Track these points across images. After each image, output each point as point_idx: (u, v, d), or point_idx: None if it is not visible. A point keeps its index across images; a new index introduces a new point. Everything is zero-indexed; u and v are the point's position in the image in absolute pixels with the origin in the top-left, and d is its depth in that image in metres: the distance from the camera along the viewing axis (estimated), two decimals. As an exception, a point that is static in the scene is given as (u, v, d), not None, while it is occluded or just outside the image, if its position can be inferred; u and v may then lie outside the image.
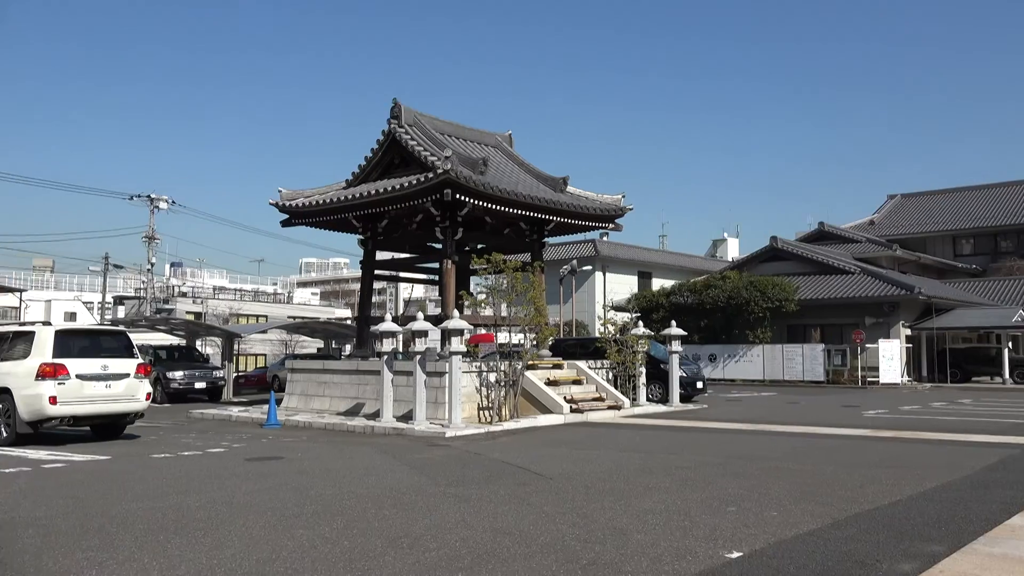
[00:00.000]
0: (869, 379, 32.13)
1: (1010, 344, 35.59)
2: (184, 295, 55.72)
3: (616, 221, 22.24)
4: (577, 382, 19.70)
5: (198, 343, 34.54)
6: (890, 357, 32.34)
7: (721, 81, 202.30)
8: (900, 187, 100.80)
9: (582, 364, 20.43)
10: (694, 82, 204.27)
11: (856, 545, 6.23)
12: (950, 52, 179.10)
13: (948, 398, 24.96)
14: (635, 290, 44.11)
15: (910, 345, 34.95)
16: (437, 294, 24.15)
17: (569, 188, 21.44)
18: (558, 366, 20.10)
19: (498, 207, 18.75)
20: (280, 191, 21.14)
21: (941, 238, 54.69)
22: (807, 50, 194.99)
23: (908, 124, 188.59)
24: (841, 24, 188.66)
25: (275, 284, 78.80)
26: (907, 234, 53.95)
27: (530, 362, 18.29)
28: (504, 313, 18.25)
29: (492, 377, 16.93)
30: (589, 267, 45.11)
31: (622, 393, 19.99)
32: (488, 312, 19.25)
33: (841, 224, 54.81)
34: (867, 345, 32.53)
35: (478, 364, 17.19)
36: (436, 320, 17.94)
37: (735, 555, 5.96)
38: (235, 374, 30.43)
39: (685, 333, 22.96)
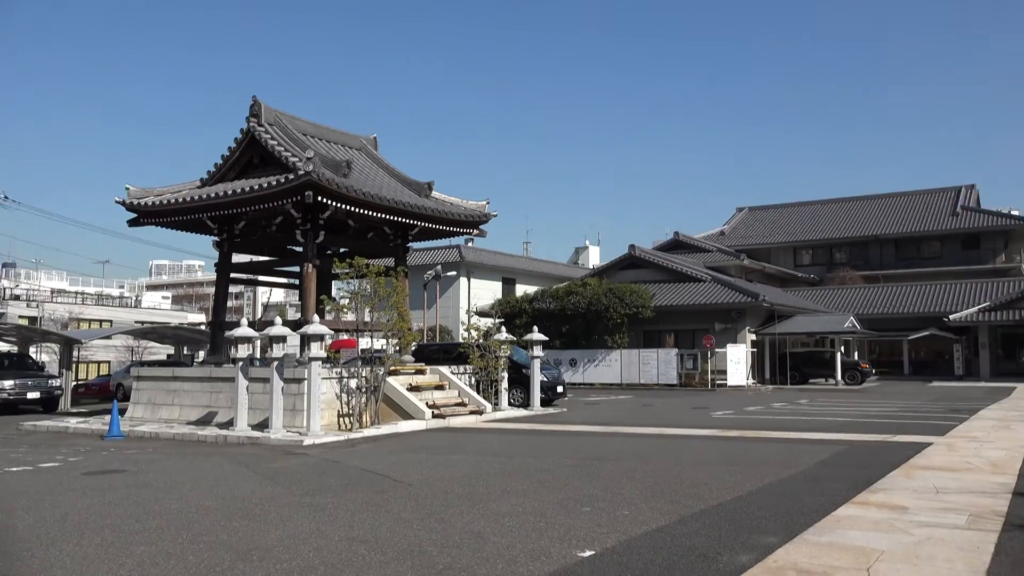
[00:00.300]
0: (718, 382, 33.88)
1: (842, 348, 38.48)
2: (17, 298, 51.52)
3: (481, 227, 22.41)
4: (440, 387, 19.68)
5: (32, 350, 32.00)
6: (737, 361, 34.24)
7: (582, 84, 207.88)
8: (751, 199, 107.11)
9: (445, 369, 20.42)
10: (557, 87, 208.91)
11: (700, 539, 6.54)
12: (796, 70, 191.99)
13: (788, 399, 26.67)
14: (499, 296, 44.59)
15: (755, 349, 37.13)
16: (297, 299, 23.46)
17: (434, 193, 21.42)
18: (421, 371, 20.01)
19: (362, 211, 18.48)
20: (128, 188, 19.99)
21: (784, 249, 58.54)
22: (668, 55, 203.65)
23: (760, 136, 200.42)
24: (703, 32, 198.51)
25: (122, 287, 74.33)
26: (754, 245, 57.42)
27: (392, 368, 18.13)
28: (367, 318, 17.97)
29: (353, 383, 16.65)
30: (454, 273, 45.20)
31: (484, 398, 20.15)
32: (350, 317, 18.92)
33: (695, 234, 57.66)
34: (717, 350, 34.28)
35: (339, 370, 16.86)
36: (295, 325, 17.46)
37: (587, 554, 6.12)
38: (74, 383, 28.45)
39: (547, 339, 23.43)
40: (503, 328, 22.72)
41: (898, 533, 6.61)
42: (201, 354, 34.31)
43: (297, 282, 22.06)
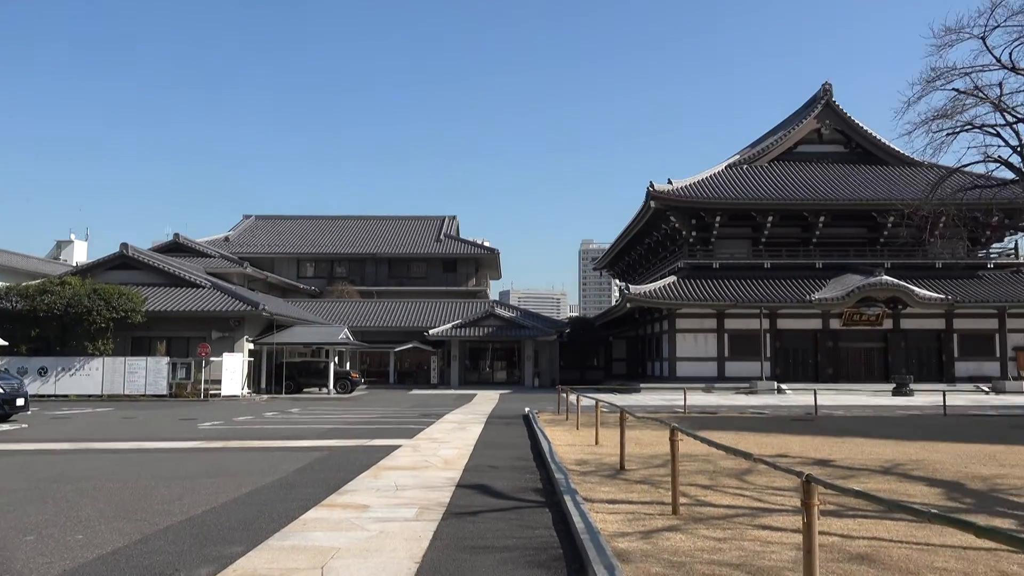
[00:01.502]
0: (212, 392, 32.86)
1: (336, 358, 40.41)
2: None
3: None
4: None
5: None
6: (233, 370, 33.63)
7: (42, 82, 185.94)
8: (260, 208, 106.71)
9: None
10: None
11: (159, 558, 6.22)
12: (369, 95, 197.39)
13: (281, 408, 27.03)
14: (-51, 291, 37.13)
15: (253, 359, 36.92)
16: None
17: None
18: None
19: None
20: None
21: (288, 260, 59.55)
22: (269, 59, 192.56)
23: (272, 146, 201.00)
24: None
25: None
26: (259, 253, 57.35)
27: None
28: None
29: None
30: None
31: (-87, 414, 16.54)
32: None
33: (199, 238, 55.39)
34: (212, 358, 33.25)
35: None
36: None
37: (20, 589, 5.39)
38: None
39: (7, 343, 20.21)
40: (-53, 330, 19.00)
41: (356, 530, 7.14)
42: None
43: None
